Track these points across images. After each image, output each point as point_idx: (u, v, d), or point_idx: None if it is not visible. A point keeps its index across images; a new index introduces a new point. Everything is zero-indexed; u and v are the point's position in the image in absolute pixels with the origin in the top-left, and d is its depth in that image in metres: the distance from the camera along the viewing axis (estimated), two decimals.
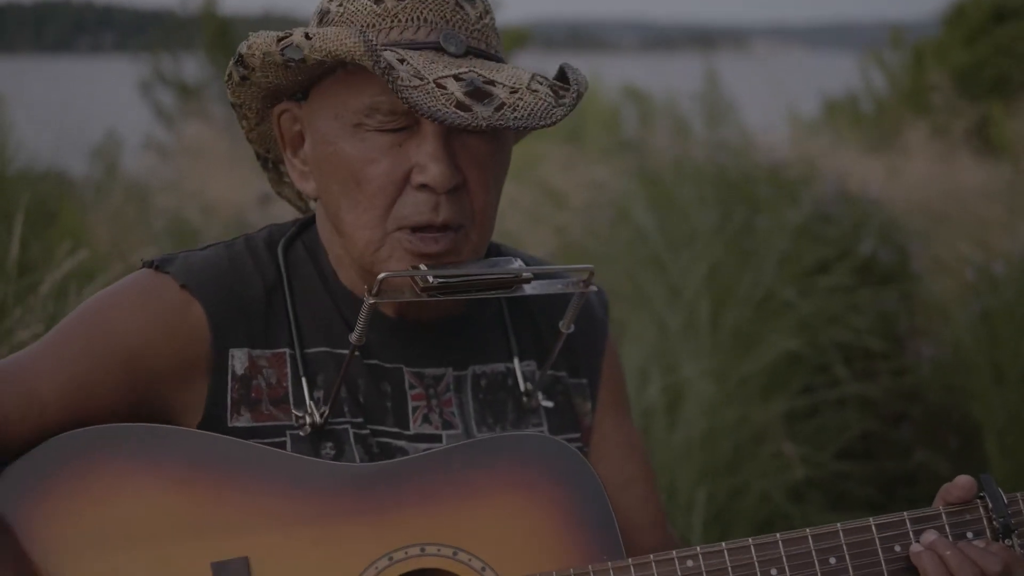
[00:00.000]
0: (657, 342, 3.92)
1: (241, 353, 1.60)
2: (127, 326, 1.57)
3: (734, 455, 3.65)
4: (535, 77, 1.55)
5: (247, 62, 1.57)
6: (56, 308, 3.54)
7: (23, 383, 1.54)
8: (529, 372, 1.75)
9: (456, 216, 1.56)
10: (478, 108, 1.47)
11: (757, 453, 3.64)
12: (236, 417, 1.59)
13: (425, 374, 1.68)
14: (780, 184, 4.72)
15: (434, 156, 1.53)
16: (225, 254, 1.65)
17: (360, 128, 1.56)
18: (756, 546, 1.59)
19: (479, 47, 1.58)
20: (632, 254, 4.41)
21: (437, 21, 1.57)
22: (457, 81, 1.49)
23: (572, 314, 1.66)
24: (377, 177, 1.55)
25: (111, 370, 1.56)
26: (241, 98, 1.64)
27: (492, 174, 1.60)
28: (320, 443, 1.60)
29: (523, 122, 1.48)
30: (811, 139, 7.59)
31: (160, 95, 14.45)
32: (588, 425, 1.80)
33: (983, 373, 4.38)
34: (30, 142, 7.51)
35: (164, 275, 1.60)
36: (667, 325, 3.93)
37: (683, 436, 3.62)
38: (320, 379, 1.63)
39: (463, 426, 1.68)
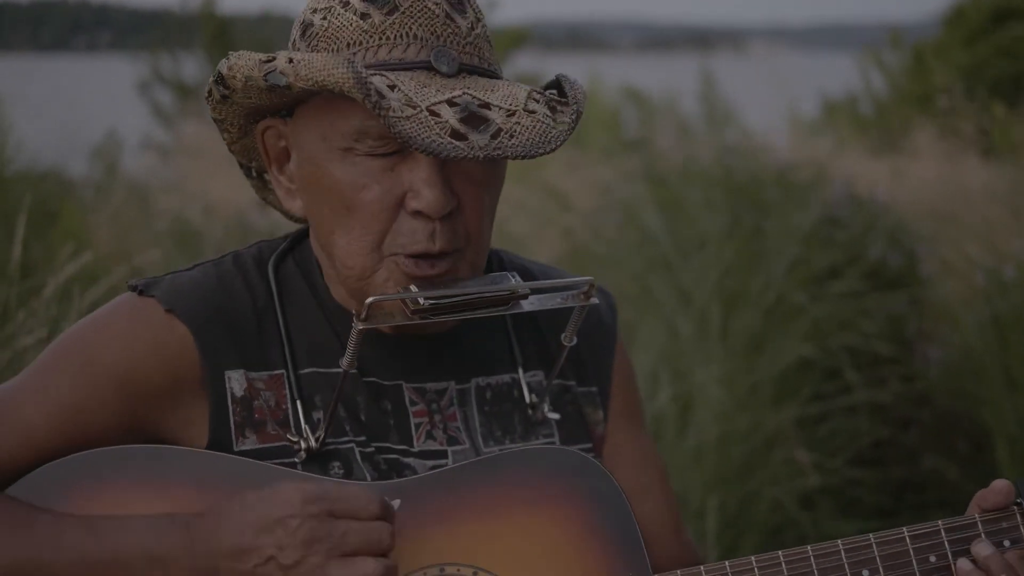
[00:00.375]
0: (667, 347, 3.88)
1: (238, 375, 1.55)
2: (114, 352, 1.52)
3: (745, 462, 3.61)
4: (531, 95, 1.48)
5: (228, 83, 1.50)
6: (59, 311, 3.50)
7: (13, 419, 1.50)
8: (535, 383, 1.69)
9: (451, 242, 1.50)
10: (474, 137, 1.41)
11: (768, 460, 3.60)
12: (241, 440, 1.54)
13: (427, 389, 1.62)
14: (788, 187, 4.68)
15: (428, 182, 1.47)
16: (213, 273, 1.60)
17: (350, 152, 1.49)
18: (787, 561, 1.55)
19: (472, 63, 1.51)
20: (640, 257, 4.38)
21: (427, 37, 1.49)
22: (451, 107, 1.42)
23: (574, 327, 1.60)
24: (370, 204, 1.49)
25: (102, 397, 1.52)
26: (222, 115, 1.58)
27: (487, 194, 1.54)
28: (328, 463, 1.54)
29: (522, 151, 1.42)
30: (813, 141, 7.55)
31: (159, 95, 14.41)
32: (600, 435, 1.74)
33: (993, 378, 4.34)
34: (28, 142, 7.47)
35: (148, 299, 1.55)
36: (677, 330, 3.89)
37: (694, 443, 3.58)
38: (318, 400, 1.57)
39: (469, 441, 1.62)
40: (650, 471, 1.78)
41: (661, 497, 1.78)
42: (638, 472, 1.76)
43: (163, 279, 1.59)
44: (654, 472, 1.79)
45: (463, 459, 1.59)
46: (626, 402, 1.78)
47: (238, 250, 1.67)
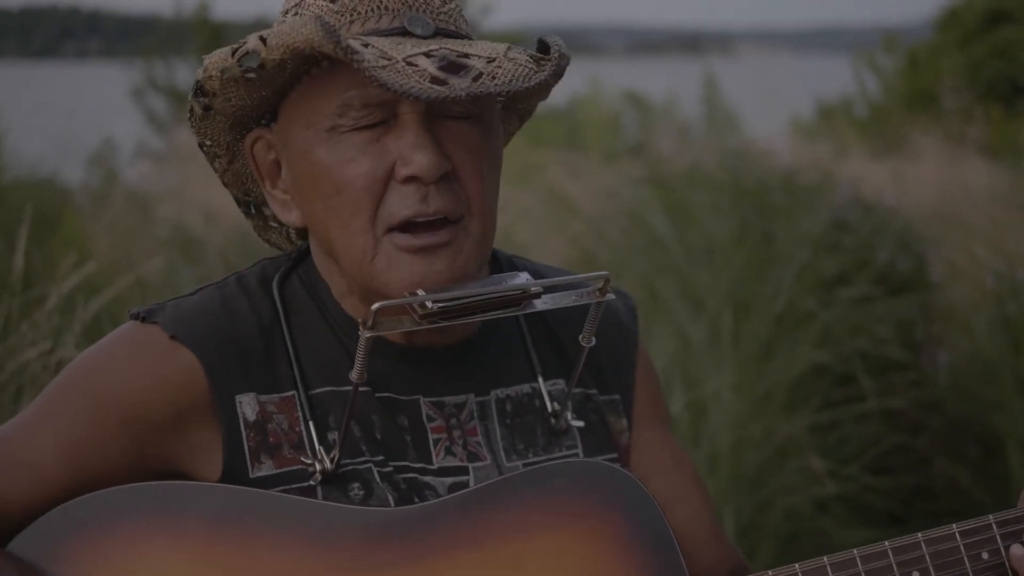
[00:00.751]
0: (678, 354, 3.84)
1: (249, 399, 1.49)
2: (118, 384, 1.48)
3: (759, 470, 3.57)
4: (511, 47, 1.44)
5: (206, 88, 1.45)
6: (62, 322, 3.46)
7: (17, 459, 1.46)
8: (556, 391, 1.63)
9: (449, 205, 1.44)
10: (455, 80, 1.36)
11: (782, 468, 3.56)
12: (257, 466, 1.48)
13: (445, 403, 1.56)
14: (795, 192, 4.65)
15: (416, 145, 1.42)
16: (217, 296, 1.54)
17: (335, 131, 1.44)
18: (832, 565, 1.50)
19: (448, 28, 1.47)
20: (648, 263, 4.34)
21: (399, 8, 1.45)
22: (428, 57, 1.38)
23: (592, 326, 1.53)
24: (358, 178, 1.43)
25: (109, 431, 1.47)
26: (207, 134, 1.53)
27: (483, 160, 1.47)
28: (346, 485, 1.49)
29: (504, 87, 1.37)
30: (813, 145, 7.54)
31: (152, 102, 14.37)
32: (625, 444, 1.68)
33: (1004, 381, 4.31)
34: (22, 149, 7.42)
35: (152, 326, 1.50)
36: (689, 337, 3.85)
37: (708, 451, 3.54)
38: (332, 420, 1.52)
39: (491, 456, 1.56)
40: (682, 476, 1.72)
41: (697, 501, 1.71)
42: (670, 479, 1.70)
43: (166, 305, 1.53)
44: (686, 477, 1.72)
45: (484, 475, 1.54)
46: (651, 407, 1.72)
47: (241, 271, 1.61)
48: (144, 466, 1.48)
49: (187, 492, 1.44)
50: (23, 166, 7.36)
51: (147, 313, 1.51)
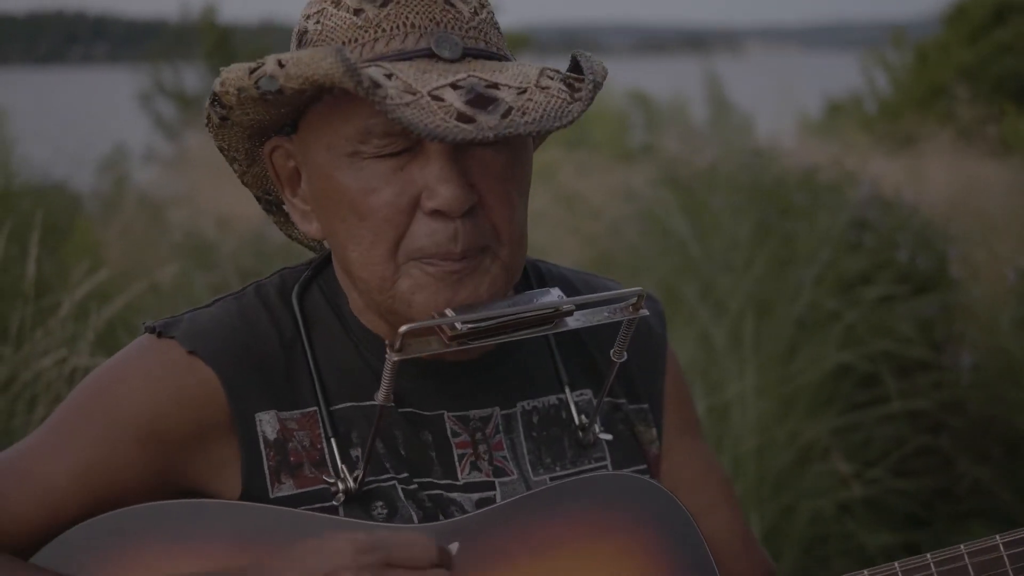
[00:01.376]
0: (700, 357, 3.80)
1: (269, 417, 1.44)
2: (135, 402, 1.42)
3: (783, 473, 3.53)
4: (544, 72, 1.37)
5: (223, 101, 1.39)
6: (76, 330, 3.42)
7: (30, 475, 1.41)
8: (584, 402, 1.57)
9: (476, 240, 1.38)
10: (482, 117, 1.28)
11: (806, 471, 3.52)
12: (278, 486, 1.43)
13: (470, 417, 1.51)
14: (814, 190, 4.60)
15: (442, 177, 1.35)
16: (235, 309, 1.49)
17: (356, 157, 1.37)
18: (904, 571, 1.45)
19: (477, 46, 1.40)
20: (666, 264, 4.30)
21: (426, 25, 1.38)
22: (455, 89, 1.30)
23: (623, 342, 1.48)
24: (380, 208, 1.37)
25: (124, 449, 1.42)
26: (225, 141, 1.47)
27: (512, 186, 1.41)
28: (370, 504, 1.44)
29: (535, 125, 1.29)
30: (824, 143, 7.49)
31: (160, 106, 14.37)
32: (655, 454, 1.62)
33: None
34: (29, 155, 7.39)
35: (168, 340, 1.45)
36: (711, 340, 3.81)
37: (731, 455, 3.50)
38: (355, 436, 1.47)
39: (517, 470, 1.51)
40: (713, 485, 1.67)
41: (728, 511, 1.67)
42: (701, 488, 1.65)
43: (182, 318, 1.48)
44: (717, 485, 1.68)
45: (511, 491, 1.49)
46: (681, 416, 1.66)
47: (259, 281, 1.56)
48: (162, 484, 1.43)
49: (209, 511, 1.40)
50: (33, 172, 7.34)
51: (163, 327, 1.46)
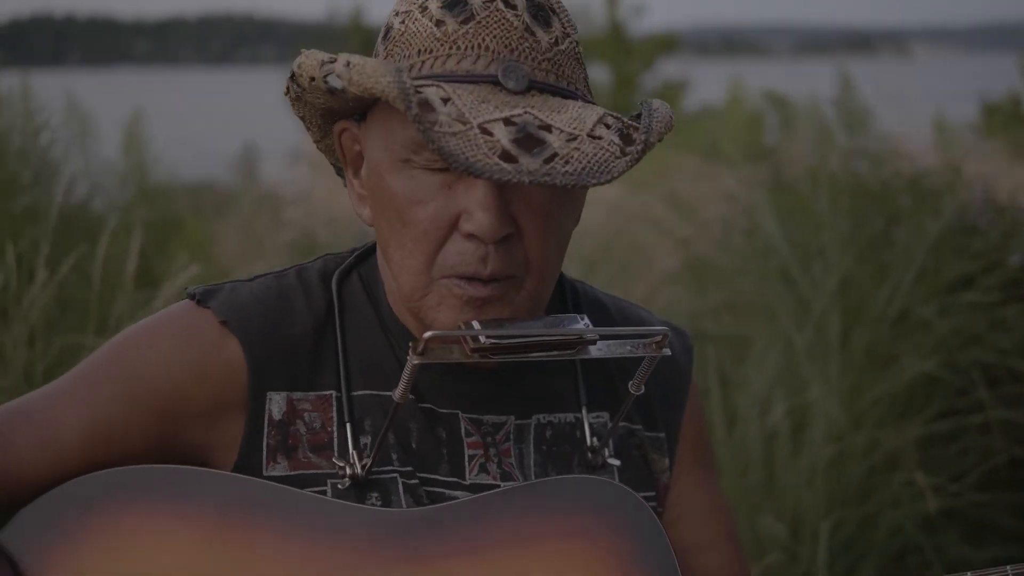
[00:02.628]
0: (783, 361, 3.74)
1: (279, 397, 1.49)
2: (158, 367, 1.48)
3: (864, 483, 3.44)
4: (603, 119, 1.38)
5: (299, 81, 1.46)
6: None
7: (44, 423, 1.46)
8: (599, 425, 1.60)
9: (505, 268, 1.42)
10: (525, 160, 1.30)
11: (889, 481, 3.43)
12: (272, 465, 1.48)
13: (484, 421, 1.54)
14: (921, 193, 4.47)
15: (483, 204, 1.38)
16: (275, 287, 1.55)
17: (408, 164, 1.42)
18: None
19: (546, 80, 1.42)
20: (761, 268, 4.23)
21: (500, 50, 1.40)
22: (507, 126, 1.32)
23: (642, 376, 1.50)
24: (423, 221, 1.42)
25: (138, 412, 1.47)
26: (301, 112, 1.53)
27: (553, 222, 1.45)
28: (365, 493, 1.48)
29: (573, 179, 1.31)
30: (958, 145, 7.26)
31: None
32: (665, 484, 1.64)
33: None
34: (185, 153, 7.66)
35: (205, 309, 1.50)
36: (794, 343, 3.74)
37: (809, 461, 3.43)
38: (368, 424, 1.51)
39: (522, 478, 1.54)
40: (717, 525, 1.68)
41: (728, 554, 1.68)
42: (703, 524, 1.67)
43: (223, 288, 1.54)
44: (722, 526, 1.69)
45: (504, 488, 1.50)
46: (696, 451, 1.69)
47: (302, 263, 1.62)
48: (164, 452, 1.49)
49: (197, 477, 1.45)
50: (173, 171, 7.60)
51: (202, 295, 1.52)
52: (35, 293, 3.38)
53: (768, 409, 3.63)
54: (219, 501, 1.43)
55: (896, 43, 53.93)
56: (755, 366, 3.76)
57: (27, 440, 1.45)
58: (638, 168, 1.51)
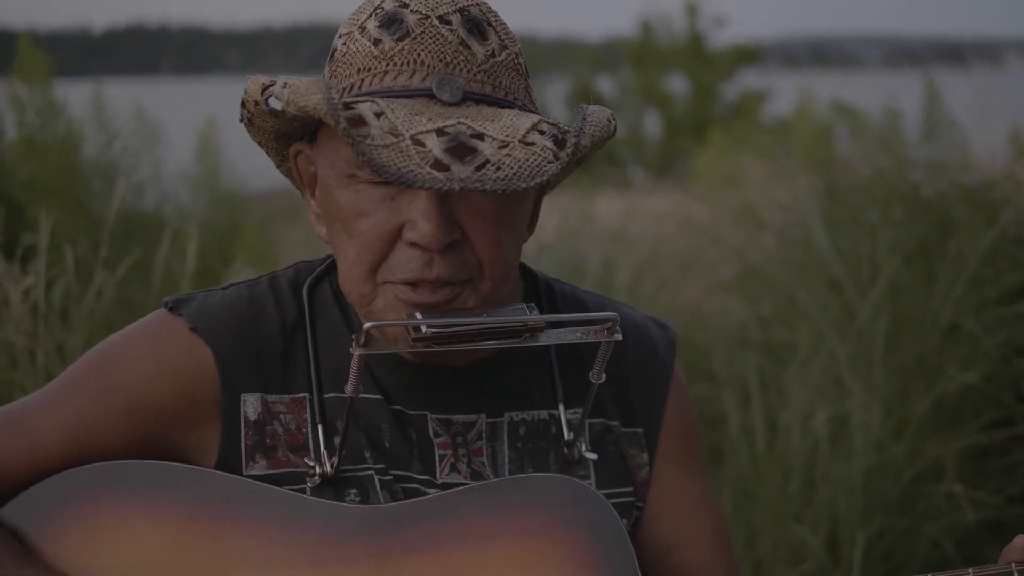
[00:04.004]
0: (827, 369, 3.72)
1: (253, 398, 1.55)
2: (133, 370, 1.55)
3: (904, 494, 3.42)
4: (538, 126, 1.42)
5: (247, 106, 1.51)
6: None
7: (25, 428, 1.53)
8: (576, 420, 1.62)
9: (453, 272, 1.46)
10: (456, 168, 1.35)
11: (930, 492, 3.40)
12: (251, 464, 1.54)
13: (453, 421, 1.58)
14: (977, 203, 4.42)
15: (425, 213, 1.43)
16: (246, 294, 1.61)
17: (353, 179, 1.47)
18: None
19: (482, 91, 1.46)
20: (811, 277, 4.22)
21: (435, 64, 1.45)
22: (440, 136, 1.37)
23: (600, 364, 1.53)
24: (366, 231, 1.46)
25: (115, 415, 1.54)
26: (257, 137, 1.59)
27: (502, 226, 1.48)
28: (343, 490, 1.53)
29: (502, 184, 1.35)
30: None
31: None
32: (644, 479, 1.66)
33: None
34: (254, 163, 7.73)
35: (176, 317, 1.57)
36: (837, 352, 3.72)
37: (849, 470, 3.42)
38: (339, 425, 1.56)
39: (494, 476, 1.58)
40: (700, 520, 1.68)
41: (711, 549, 1.67)
42: (685, 520, 1.67)
43: (195, 297, 1.60)
44: (705, 522, 1.68)
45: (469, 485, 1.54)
46: (679, 446, 1.69)
47: (275, 272, 1.67)
48: (145, 454, 1.55)
49: (172, 473, 1.51)
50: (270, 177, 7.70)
51: (175, 303, 1.59)
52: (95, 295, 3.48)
53: (810, 417, 3.62)
54: (192, 496, 1.49)
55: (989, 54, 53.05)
56: (798, 374, 3.75)
57: (8, 442, 1.52)
58: (701, 176, 1.53)
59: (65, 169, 4.69)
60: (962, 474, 3.41)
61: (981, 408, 3.64)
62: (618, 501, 1.60)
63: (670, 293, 4.95)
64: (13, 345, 3.24)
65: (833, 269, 4.06)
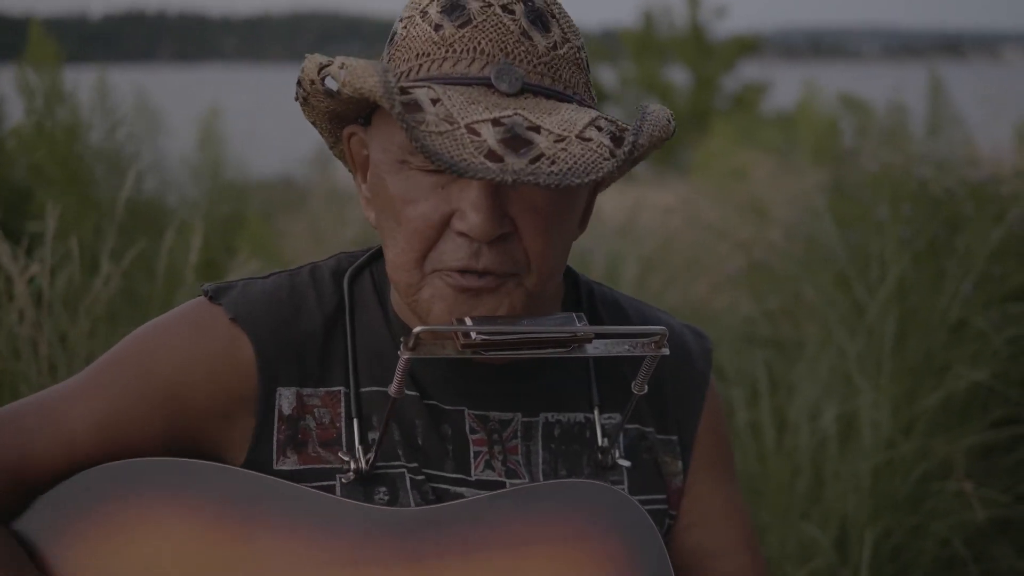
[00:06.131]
0: (836, 366, 3.70)
1: (289, 392, 1.53)
2: (169, 362, 1.53)
3: (913, 491, 3.40)
4: (596, 122, 1.39)
5: (303, 85, 1.49)
6: None
7: (59, 416, 1.51)
8: (611, 426, 1.61)
9: (500, 265, 1.44)
10: (511, 159, 1.32)
11: (938, 490, 3.39)
12: (282, 460, 1.52)
13: (489, 418, 1.57)
14: (985, 199, 4.40)
15: (475, 204, 1.41)
16: (287, 284, 1.59)
17: (405, 165, 1.45)
18: None
19: (541, 83, 1.44)
20: (819, 273, 4.20)
21: (495, 53, 1.43)
22: (495, 126, 1.34)
23: (644, 376, 1.51)
24: (415, 219, 1.44)
25: (149, 407, 1.52)
26: (311, 117, 1.57)
27: (551, 219, 1.46)
28: (373, 488, 1.51)
29: (556, 179, 1.32)
30: None
31: None
32: (677, 487, 1.65)
33: None
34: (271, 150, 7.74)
35: (216, 306, 1.54)
36: (846, 349, 3.71)
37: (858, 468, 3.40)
38: (375, 420, 1.54)
39: (528, 476, 1.56)
40: (733, 529, 1.68)
41: (744, 561, 1.67)
42: (718, 530, 1.66)
43: (235, 285, 1.58)
44: (738, 531, 1.68)
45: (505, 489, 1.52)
46: (712, 455, 1.69)
47: (316, 262, 1.65)
48: (177, 446, 1.53)
49: (202, 471, 1.49)
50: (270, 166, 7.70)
51: (215, 292, 1.56)
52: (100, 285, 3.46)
53: (818, 414, 3.61)
54: (220, 494, 1.47)
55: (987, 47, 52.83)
56: (807, 371, 3.73)
57: (43, 432, 1.50)
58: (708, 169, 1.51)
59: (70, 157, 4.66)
60: (970, 472, 3.40)
61: (990, 405, 3.62)
62: (651, 508, 1.59)
63: (678, 288, 4.94)
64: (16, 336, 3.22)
65: (841, 265, 4.04)
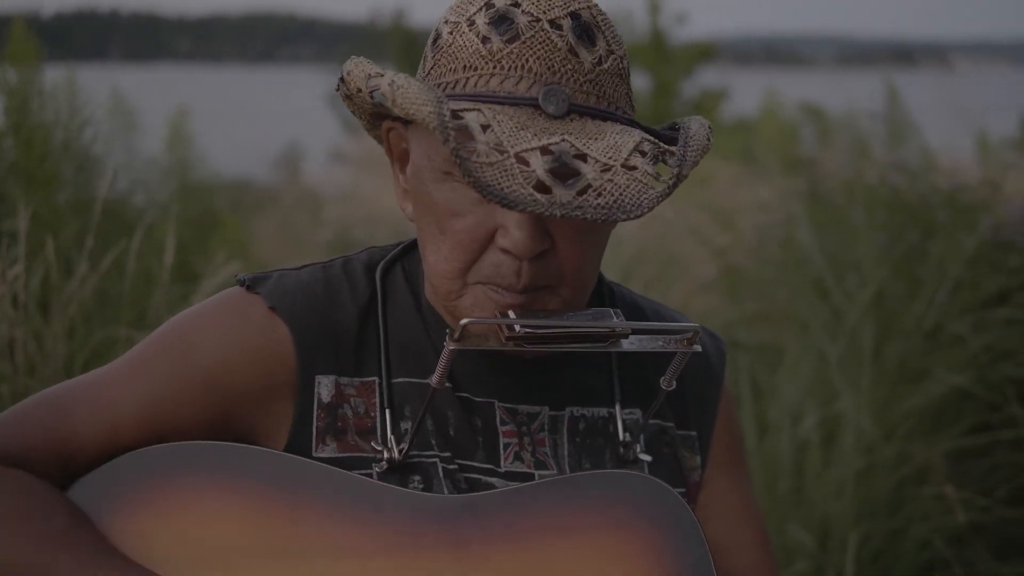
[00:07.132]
0: (816, 371, 3.74)
1: (328, 380, 1.55)
2: (210, 348, 1.54)
3: (893, 495, 3.45)
4: (640, 146, 1.41)
5: (348, 85, 1.51)
6: None
7: (100, 400, 1.52)
8: (632, 421, 1.63)
9: (539, 279, 1.47)
10: (559, 191, 1.34)
11: (918, 494, 3.43)
12: (321, 447, 1.53)
13: (519, 411, 1.59)
14: (958, 207, 4.47)
15: (519, 223, 1.43)
16: (321, 276, 1.60)
17: (449, 176, 1.46)
18: None
19: (587, 103, 1.45)
20: (796, 279, 4.24)
21: (542, 72, 1.43)
22: (544, 155, 1.36)
23: (673, 372, 1.54)
24: (460, 232, 1.47)
25: (191, 391, 1.53)
26: (352, 108, 1.59)
27: (588, 242, 1.49)
28: (407, 476, 1.53)
29: (603, 213, 1.34)
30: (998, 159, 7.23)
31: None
32: (695, 481, 1.68)
33: None
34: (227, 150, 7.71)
35: (254, 295, 1.56)
36: (827, 354, 3.75)
37: (839, 473, 3.44)
38: (407, 410, 1.56)
39: (557, 468, 1.59)
40: (748, 526, 1.71)
41: (758, 555, 1.70)
42: (734, 525, 1.70)
43: (271, 275, 1.60)
44: (752, 527, 1.71)
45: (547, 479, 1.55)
46: (727, 452, 1.72)
47: (348, 255, 1.68)
48: (217, 432, 1.54)
49: (248, 455, 1.50)
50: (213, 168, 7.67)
51: (252, 281, 1.58)
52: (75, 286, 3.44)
53: (799, 419, 3.64)
54: (267, 479, 1.48)
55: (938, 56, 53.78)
56: (788, 376, 3.77)
57: (88, 415, 1.51)
58: None
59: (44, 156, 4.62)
60: (948, 476, 3.44)
61: (969, 411, 3.67)
62: None
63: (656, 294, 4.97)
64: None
65: (819, 271, 4.08)
